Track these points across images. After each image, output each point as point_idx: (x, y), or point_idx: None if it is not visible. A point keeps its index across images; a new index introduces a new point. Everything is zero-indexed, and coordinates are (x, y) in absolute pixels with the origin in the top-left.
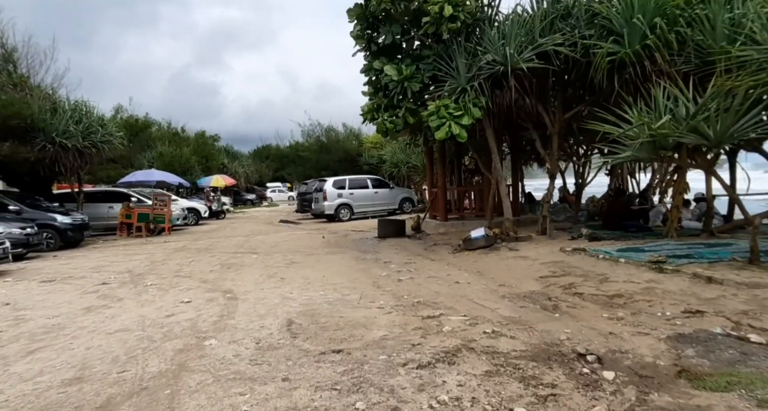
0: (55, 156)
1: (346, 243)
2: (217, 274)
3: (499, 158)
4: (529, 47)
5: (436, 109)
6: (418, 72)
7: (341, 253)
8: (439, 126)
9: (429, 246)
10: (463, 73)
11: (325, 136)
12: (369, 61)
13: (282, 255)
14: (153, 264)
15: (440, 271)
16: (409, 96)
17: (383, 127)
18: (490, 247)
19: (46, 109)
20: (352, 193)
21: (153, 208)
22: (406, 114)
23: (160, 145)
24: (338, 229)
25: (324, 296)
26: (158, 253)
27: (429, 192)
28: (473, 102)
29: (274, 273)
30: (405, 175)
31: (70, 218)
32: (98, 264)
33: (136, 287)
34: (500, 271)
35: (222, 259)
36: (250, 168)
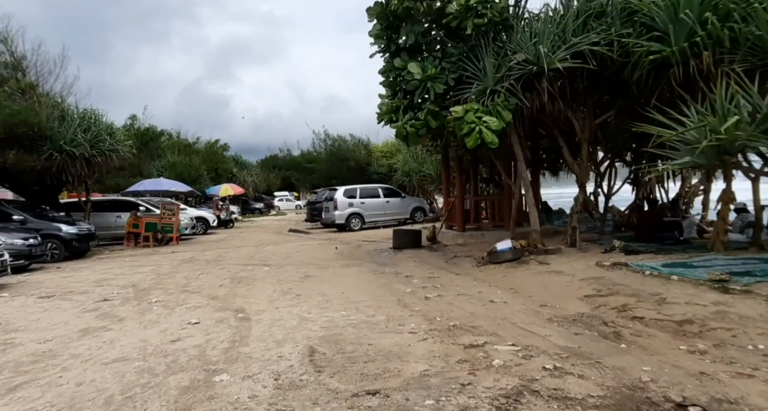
0: (62, 164)
1: (361, 254)
2: (228, 289)
3: (525, 166)
4: (562, 46)
5: (464, 112)
6: (442, 72)
7: (357, 266)
8: (469, 132)
9: (450, 258)
10: (490, 74)
11: (334, 146)
12: (389, 61)
13: (295, 267)
14: (159, 277)
15: (469, 288)
16: (432, 97)
17: (403, 131)
18: (517, 260)
19: (54, 117)
20: (363, 202)
21: (161, 218)
22: (428, 117)
23: (170, 155)
24: (350, 239)
25: (346, 317)
26: (165, 265)
27: (445, 201)
28: (503, 105)
29: (289, 288)
30: (416, 184)
31: (75, 228)
32: (102, 277)
33: (140, 304)
34: (536, 288)
35: (232, 272)
36: (258, 177)
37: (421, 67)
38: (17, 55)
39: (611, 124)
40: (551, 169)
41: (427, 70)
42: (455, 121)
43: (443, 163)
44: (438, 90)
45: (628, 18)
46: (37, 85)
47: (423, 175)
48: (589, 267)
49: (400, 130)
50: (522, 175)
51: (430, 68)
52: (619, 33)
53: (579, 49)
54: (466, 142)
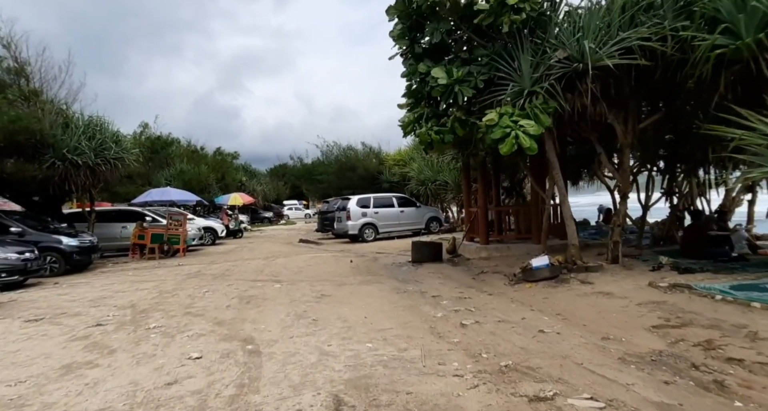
0: (64, 173)
1: (378, 269)
2: (235, 311)
3: (561, 173)
4: (609, 42)
5: (498, 116)
6: (470, 75)
7: (377, 283)
8: (503, 137)
9: (476, 274)
10: (527, 74)
11: (344, 154)
12: (411, 64)
13: (309, 284)
14: (161, 295)
15: (509, 312)
16: (460, 102)
17: (427, 139)
18: (555, 278)
19: (57, 125)
20: (376, 212)
21: (167, 229)
22: (455, 124)
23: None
24: (364, 250)
25: (374, 352)
26: (169, 281)
27: (466, 212)
28: (541, 108)
29: (303, 311)
30: (432, 193)
31: (76, 240)
32: (100, 294)
33: (136, 331)
34: (588, 314)
35: (240, 290)
36: (267, 186)
37: (446, 71)
38: (21, 60)
39: (648, 128)
40: (572, 178)
41: (453, 73)
42: (488, 126)
43: (464, 172)
44: (466, 94)
45: (682, 10)
46: (41, 91)
47: (439, 183)
48: (642, 288)
49: (423, 137)
50: (558, 185)
51: (456, 72)
52: (673, 26)
53: (628, 45)
54: (500, 149)
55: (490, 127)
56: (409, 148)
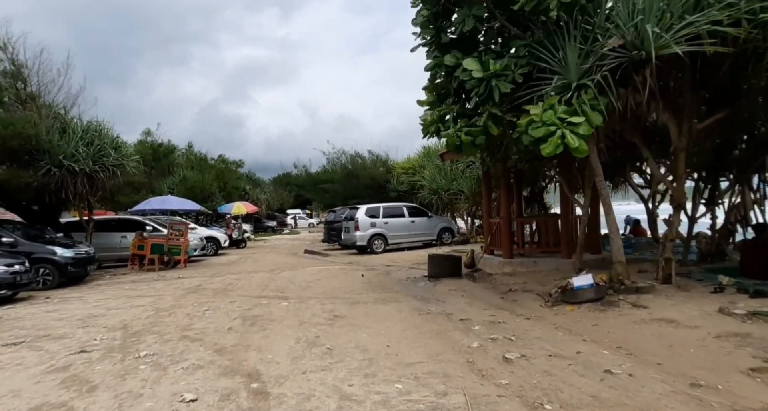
0: (60, 181)
1: (393, 284)
2: (238, 335)
3: (603, 180)
4: (674, 26)
5: (541, 112)
6: (506, 69)
7: (394, 302)
8: (547, 136)
9: (504, 293)
10: (573, 65)
11: (351, 162)
12: (437, 56)
13: (319, 302)
14: (157, 314)
15: (558, 343)
16: (496, 99)
17: (455, 140)
18: (600, 300)
19: (54, 130)
20: (386, 222)
21: (168, 239)
22: (489, 122)
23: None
24: (374, 263)
25: (406, 397)
26: (167, 296)
27: (486, 223)
28: (591, 104)
29: (316, 337)
30: (445, 202)
31: (71, 251)
32: (91, 312)
33: (124, 361)
34: (657, 348)
35: (243, 308)
36: (271, 195)
37: (480, 63)
38: (18, 62)
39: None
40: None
41: (489, 65)
42: (529, 124)
43: (484, 180)
44: (504, 89)
45: None
46: (38, 95)
47: (453, 192)
48: (710, 315)
49: (452, 139)
50: (602, 194)
51: (493, 64)
52: (750, 8)
53: (696, 30)
54: (542, 149)
55: (531, 125)
56: (419, 155)
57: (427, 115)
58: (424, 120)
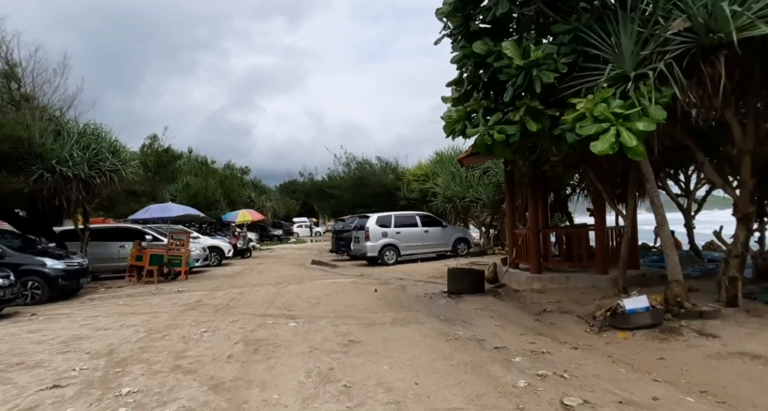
0: (54, 187)
1: (410, 301)
2: (238, 365)
3: (656, 187)
4: (752, 6)
5: (592, 106)
6: (548, 58)
7: (415, 324)
8: (598, 133)
9: (538, 313)
10: (628, 52)
11: (359, 169)
12: (465, 45)
13: (330, 322)
14: (149, 336)
15: (623, 383)
16: (537, 91)
17: (487, 139)
18: (658, 326)
19: (47, 133)
20: (398, 231)
21: (168, 249)
22: (526, 117)
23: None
24: (386, 276)
25: None
26: (163, 314)
27: (510, 234)
28: (651, 97)
29: (329, 369)
30: (460, 211)
31: (63, 263)
32: (76, 333)
33: (101, 401)
34: (753, 393)
35: (246, 329)
36: (277, 202)
37: (520, 49)
38: (11, 61)
39: None
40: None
41: (530, 52)
42: (576, 120)
43: (508, 186)
44: (546, 79)
45: None
46: (33, 96)
47: (469, 200)
48: None
49: (483, 139)
50: (655, 201)
51: (535, 51)
52: None
53: None
54: (592, 148)
55: (579, 121)
56: (431, 161)
57: (451, 112)
58: (447, 118)
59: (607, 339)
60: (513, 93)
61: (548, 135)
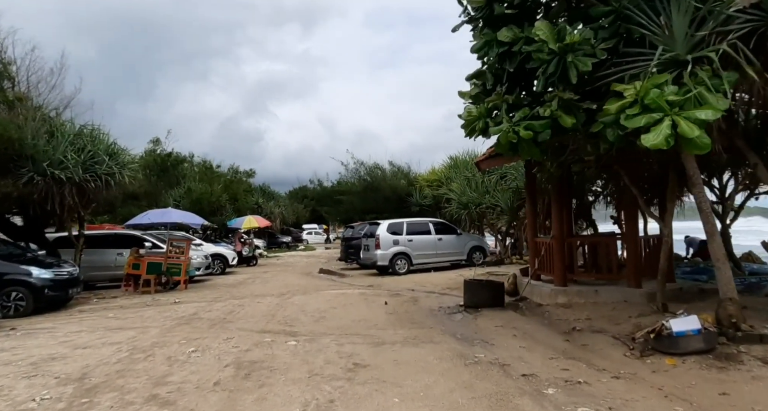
0: (45, 191)
1: (423, 316)
2: (225, 396)
3: (704, 192)
4: None
5: (643, 93)
6: (584, 42)
7: (429, 343)
8: (649, 125)
9: (567, 333)
10: (681, 33)
11: (370, 174)
12: (487, 32)
13: (334, 341)
14: (132, 355)
15: None
16: (572, 80)
17: (512, 137)
18: (711, 351)
19: (41, 134)
20: (410, 239)
21: (167, 256)
22: (559, 111)
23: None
24: (397, 286)
25: None
26: (153, 328)
27: (531, 242)
28: (712, 84)
29: (329, 400)
30: (473, 217)
31: (50, 272)
32: (52, 352)
33: None
34: None
35: (240, 349)
36: (286, 209)
37: (555, 31)
38: (5, 59)
39: None
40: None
41: (565, 35)
42: (620, 110)
43: (528, 191)
44: (583, 67)
45: None
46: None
47: (486, 207)
48: None
49: (508, 137)
50: (704, 208)
51: (571, 35)
52: None
53: None
54: (643, 141)
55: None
56: (445, 166)
57: (471, 108)
58: (467, 114)
59: (652, 366)
60: (544, 83)
61: (582, 131)
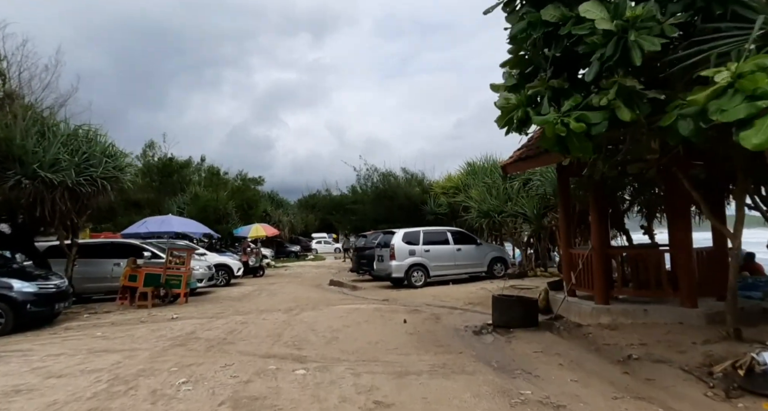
0: (34, 195)
1: (448, 337)
2: None
3: None
4: None
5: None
6: (649, 20)
7: (462, 374)
8: (752, 117)
9: (622, 361)
10: None
11: (382, 181)
12: (529, 11)
13: (350, 370)
14: (110, 388)
15: None
16: (636, 61)
17: (559, 131)
18: None
19: (32, 134)
20: (427, 249)
21: (166, 267)
22: (617, 100)
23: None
24: (415, 300)
25: None
26: (141, 352)
27: (564, 254)
28: None
29: None
30: (498, 226)
31: (34, 286)
32: (18, 383)
33: None
34: None
35: (239, 380)
36: (295, 217)
37: (606, 8)
38: None
39: None
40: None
41: (624, 10)
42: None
43: (561, 197)
44: (650, 47)
45: None
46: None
47: (508, 215)
48: None
49: (555, 130)
50: None
51: (630, 9)
52: None
53: None
54: (741, 140)
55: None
56: (463, 172)
57: (509, 96)
58: (504, 103)
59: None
60: (598, 69)
61: (644, 125)
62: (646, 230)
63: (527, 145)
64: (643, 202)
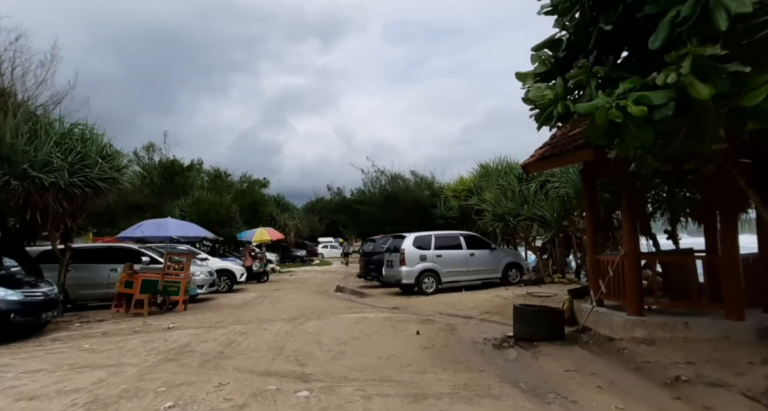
0: (25, 197)
1: (467, 351)
2: None
3: None
4: None
5: None
6: None
7: (487, 398)
8: None
9: (669, 383)
10: None
11: (390, 184)
12: None
13: (359, 392)
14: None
15: None
16: (721, 26)
17: (613, 116)
18: None
19: (23, 133)
20: (439, 254)
21: (164, 273)
22: (690, 77)
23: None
24: (427, 309)
25: None
26: (129, 368)
27: (591, 260)
28: None
29: None
30: (513, 230)
31: (19, 293)
32: None
33: None
34: None
35: (234, 404)
36: (301, 221)
37: None
38: None
39: None
40: None
41: None
42: None
43: (588, 200)
44: (738, 7)
45: None
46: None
47: (525, 218)
48: None
49: (609, 115)
50: None
51: None
52: None
53: None
54: None
55: None
56: (475, 175)
57: (544, 89)
58: (539, 97)
59: None
60: (666, 35)
61: (712, 109)
62: (670, 235)
63: (550, 142)
64: (670, 205)
